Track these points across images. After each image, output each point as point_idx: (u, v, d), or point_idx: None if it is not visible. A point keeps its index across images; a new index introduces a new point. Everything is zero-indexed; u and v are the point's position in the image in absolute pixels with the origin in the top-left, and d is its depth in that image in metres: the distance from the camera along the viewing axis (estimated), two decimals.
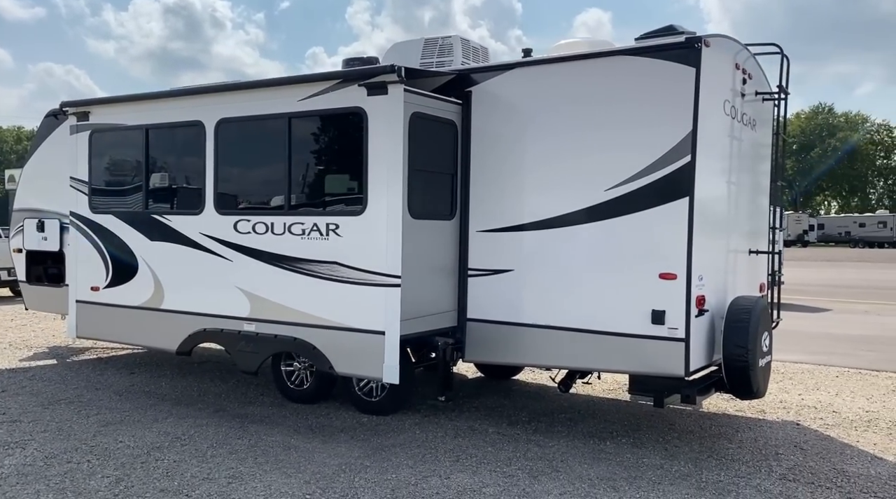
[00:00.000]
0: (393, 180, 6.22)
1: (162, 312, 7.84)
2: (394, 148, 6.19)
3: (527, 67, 6.55)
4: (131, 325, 8.12)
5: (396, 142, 6.17)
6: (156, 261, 7.90)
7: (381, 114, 6.27)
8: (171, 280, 7.80)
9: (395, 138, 6.18)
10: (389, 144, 6.22)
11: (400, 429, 6.83)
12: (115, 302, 8.22)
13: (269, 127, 7.12)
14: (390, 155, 6.22)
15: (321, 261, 6.70)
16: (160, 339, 7.91)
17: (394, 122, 6.18)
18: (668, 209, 5.80)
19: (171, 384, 8.69)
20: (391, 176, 6.22)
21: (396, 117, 6.17)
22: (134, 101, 8.17)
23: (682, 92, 5.73)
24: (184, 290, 7.69)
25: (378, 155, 6.31)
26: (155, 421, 7.14)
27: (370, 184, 6.38)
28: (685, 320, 5.75)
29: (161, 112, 7.86)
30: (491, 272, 6.64)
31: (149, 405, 7.73)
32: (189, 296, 7.63)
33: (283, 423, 7.06)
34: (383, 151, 6.26)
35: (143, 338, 8.19)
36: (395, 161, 6.19)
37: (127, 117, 8.14)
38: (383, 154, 6.26)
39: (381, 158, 6.28)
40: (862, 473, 5.78)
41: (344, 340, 6.58)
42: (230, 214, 7.35)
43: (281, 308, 6.97)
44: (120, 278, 8.19)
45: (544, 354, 6.46)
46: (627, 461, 5.97)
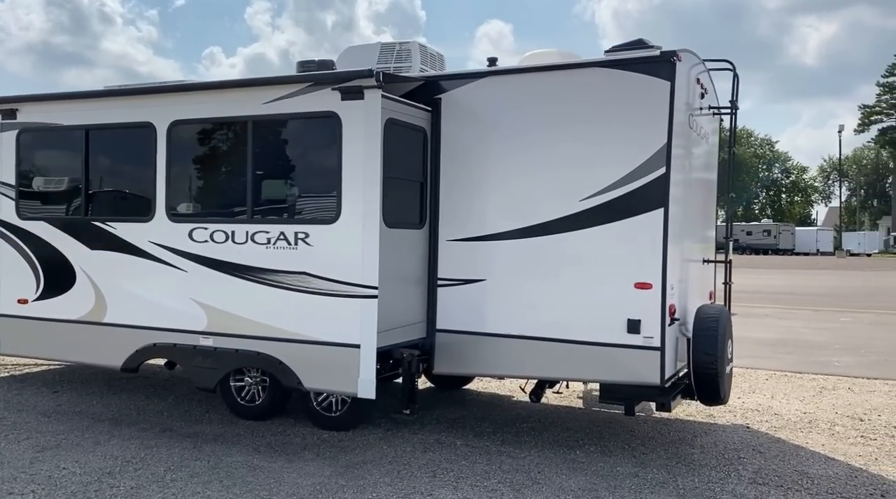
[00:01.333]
0: (369, 188, 6.02)
1: (104, 326, 7.31)
2: (370, 155, 6.00)
3: (500, 76, 6.52)
4: (67, 340, 7.53)
5: (373, 149, 5.99)
6: (97, 271, 7.36)
7: (356, 119, 6.07)
8: (114, 292, 7.28)
9: (371, 145, 5.99)
10: (365, 150, 6.03)
11: (366, 445, 6.62)
12: (47, 316, 7.61)
13: (229, 130, 6.78)
14: (367, 162, 6.02)
15: (289, 271, 6.41)
16: (102, 355, 7.37)
17: (370, 129, 5.99)
18: (643, 220, 5.89)
19: (104, 403, 8.12)
20: (367, 184, 6.03)
21: (373, 123, 5.98)
22: (71, 99, 7.62)
23: (656, 105, 5.84)
24: (130, 302, 7.20)
25: (353, 162, 6.10)
26: (96, 444, 6.65)
27: (345, 192, 6.16)
28: (661, 329, 5.84)
29: (104, 112, 7.34)
30: (462, 282, 6.55)
31: (84, 427, 7.20)
32: (136, 309, 7.14)
33: (240, 441, 6.72)
34: (359, 157, 6.06)
35: (81, 354, 7.61)
36: (371, 169, 6.01)
37: (62, 117, 7.56)
38: (359, 161, 6.06)
39: (357, 166, 6.08)
40: (822, 474, 6.02)
41: (314, 354, 6.32)
42: (184, 222, 6.94)
43: (242, 321, 6.62)
44: (53, 290, 7.59)
45: (518, 364, 6.43)
46: (602, 471, 6.00)
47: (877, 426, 7.55)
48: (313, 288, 6.31)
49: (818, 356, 11.90)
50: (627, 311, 5.93)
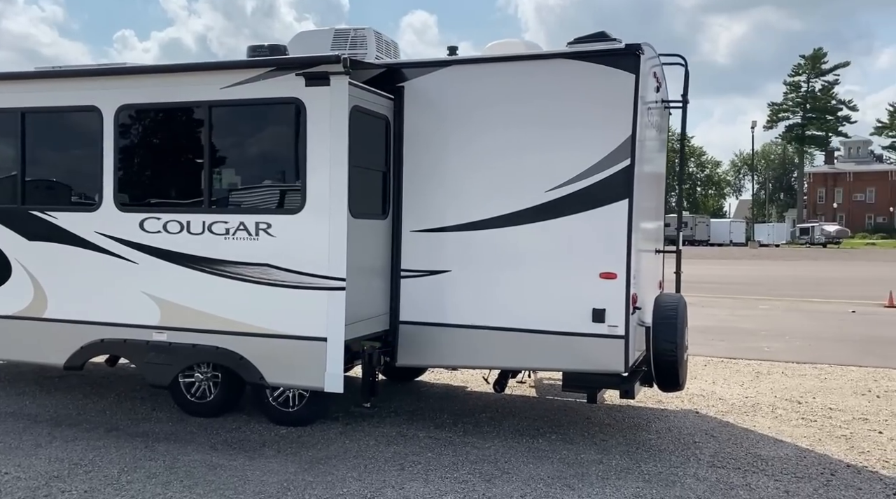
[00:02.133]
0: (336, 178, 5.87)
1: (45, 321, 6.90)
2: (337, 143, 5.84)
3: (464, 65, 6.47)
4: (2, 337, 7.07)
5: (340, 137, 5.83)
6: (35, 264, 6.94)
7: (321, 106, 5.90)
8: (56, 286, 6.89)
9: (338, 133, 5.84)
10: (332, 138, 5.86)
11: (326, 440, 6.50)
12: None
13: (184, 116, 6.51)
14: (333, 151, 5.86)
15: (249, 263, 6.19)
16: (42, 352, 6.96)
17: (337, 116, 5.83)
18: (608, 210, 5.96)
19: (39, 403, 7.71)
20: (334, 173, 5.87)
21: (340, 111, 5.83)
22: (4, 80, 7.12)
23: (622, 97, 5.90)
24: (74, 296, 6.82)
25: (319, 150, 5.93)
26: (37, 446, 6.30)
27: (309, 181, 5.99)
28: (625, 318, 5.93)
29: (42, 94, 6.91)
30: (426, 273, 6.48)
31: (21, 429, 6.81)
32: (81, 303, 6.77)
33: (194, 440, 6.49)
34: (324, 146, 5.90)
35: (19, 352, 7.17)
36: (338, 157, 5.85)
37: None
38: (325, 149, 5.90)
39: (323, 154, 5.91)
40: (773, 455, 6.25)
41: (277, 349, 6.14)
42: (135, 212, 6.61)
43: (199, 315, 6.37)
44: None
45: (483, 355, 6.42)
46: (567, 458, 6.07)
47: (814, 409, 7.89)
48: (276, 280, 6.13)
49: (748, 343, 12.38)
50: (593, 300, 6.00)
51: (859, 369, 10.13)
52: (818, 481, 5.62)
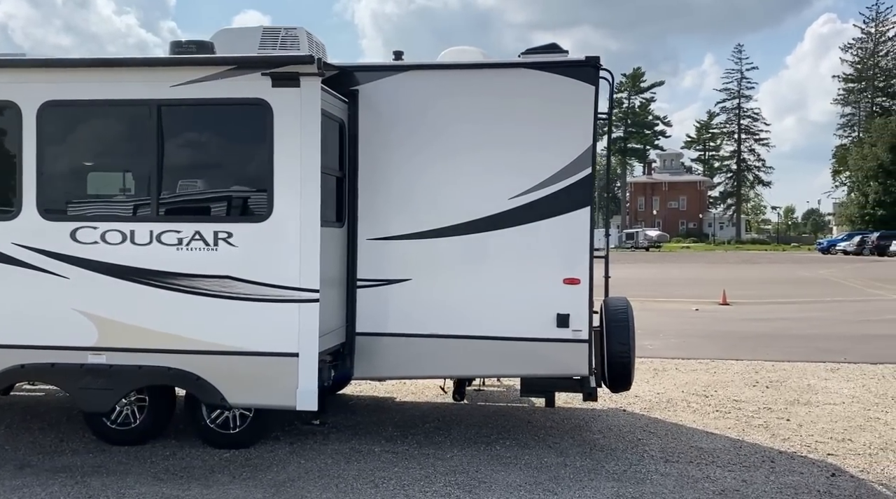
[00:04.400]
0: (308, 184, 5.55)
1: None
2: (308, 148, 5.53)
3: (422, 71, 6.36)
4: None
5: (311, 141, 5.53)
6: None
7: (290, 108, 5.56)
8: None
9: (309, 137, 5.53)
10: (303, 143, 5.54)
11: (279, 460, 6.15)
12: None
13: (126, 115, 5.88)
14: (304, 155, 5.54)
15: (207, 275, 5.71)
16: None
17: (308, 119, 5.52)
18: (571, 218, 6.09)
19: None
20: (306, 179, 5.55)
21: (312, 114, 5.52)
22: None
23: (582, 108, 6.07)
24: None
25: (287, 155, 5.58)
26: None
27: (277, 187, 5.62)
28: (588, 323, 6.09)
29: None
30: (384, 282, 6.30)
31: None
32: None
33: (129, 471, 5.91)
34: (294, 150, 5.56)
35: None
36: (310, 163, 5.54)
37: None
38: (294, 154, 5.56)
39: (292, 159, 5.57)
40: (712, 447, 6.67)
41: (240, 367, 5.70)
42: (65, 221, 5.89)
43: (146, 333, 5.78)
44: None
45: (446, 364, 6.34)
46: (532, 463, 6.13)
47: (723, 401, 8.50)
48: (238, 293, 5.70)
49: None
50: (556, 306, 6.11)
51: (737, 363, 11.02)
52: (764, 468, 6.06)
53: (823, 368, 10.59)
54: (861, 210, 71.97)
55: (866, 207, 71.22)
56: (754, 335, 13.95)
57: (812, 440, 6.85)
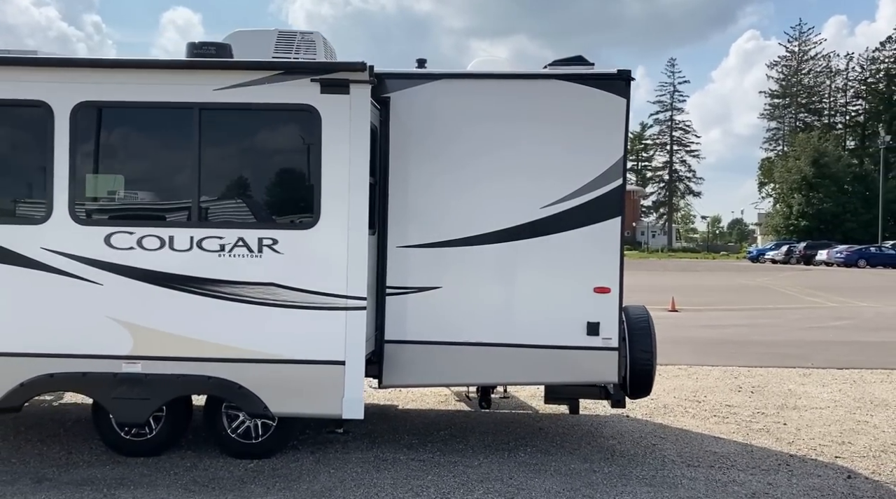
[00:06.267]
0: (357, 191, 5.50)
1: None
2: (358, 155, 5.48)
3: (456, 80, 6.38)
4: None
5: (360, 149, 5.48)
6: None
7: (339, 115, 5.50)
8: None
9: (358, 144, 5.48)
10: (351, 150, 5.49)
11: (308, 471, 6.06)
12: None
13: (165, 118, 5.71)
14: (353, 163, 5.49)
15: (251, 283, 5.57)
16: None
17: (357, 127, 5.47)
18: (602, 228, 6.20)
19: None
20: (354, 186, 5.50)
21: (361, 121, 5.48)
22: None
23: (614, 120, 6.20)
24: (7, 324, 5.68)
25: (335, 162, 5.51)
26: None
27: (325, 194, 5.54)
28: (618, 331, 6.21)
29: None
30: (414, 290, 6.27)
31: None
32: (18, 332, 5.66)
33: (157, 483, 5.73)
34: (342, 157, 5.50)
35: None
36: (359, 170, 5.50)
37: None
38: (342, 161, 5.50)
39: (341, 166, 5.51)
40: (724, 451, 6.88)
41: (284, 375, 5.58)
42: (98, 225, 5.67)
43: (184, 341, 5.60)
44: None
45: (474, 371, 6.35)
46: (561, 470, 6.21)
47: (715, 406, 8.76)
48: (283, 301, 5.59)
49: None
50: (587, 314, 6.21)
51: (714, 368, 11.37)
52: (782, 472, 6.29)
53: (796, 373, 11.02)
54: (786, 221, 75.03)
55: (790, 217, 74.32)
56: (718, 341, 14.41)
57: (815, 444, 7.15)
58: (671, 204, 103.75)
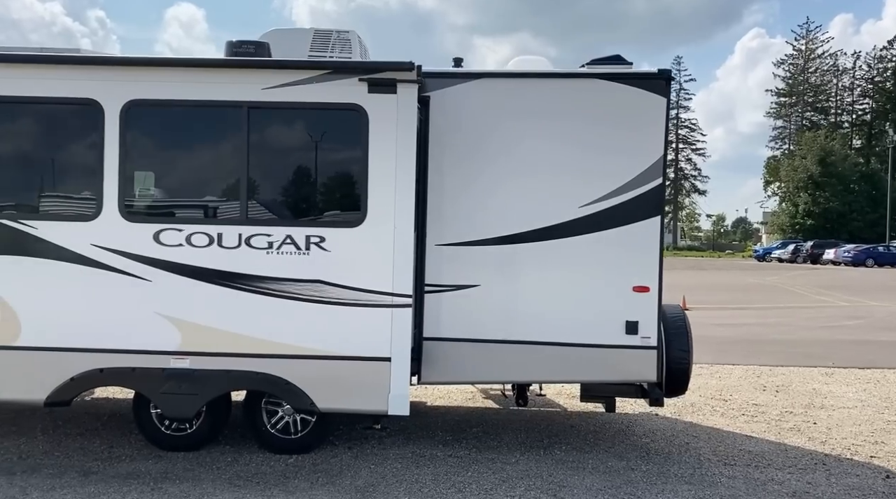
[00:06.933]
0: (403, 190, 5.55)
1: (17, 350, 5.71)
2: (404, 154, 5.53)
3: (495, 79, 6.40)
4: None
5: (408, 147, 5.53)
6: (3, 282, 5.71)
7: (386, 114, 5.54)
8: (33, 307, 5.73)
9: (405, 144, 5.53)
10: (398, 149, 5.54)
11: (348, 466, 6.10)
12: None
13: (214, 116, 5.74)
14: (400, 162, 5.54)
15: (298, 280, 5.62)
16: (12, 387, 5.74)
17: (404, 126, 5.52)
18: (642, 227, 6.23)
19: None
20: (400, 186, 5.55)
21: (408, 120, 5.52)
22: None
23: (654, 119, 6.22)
24: (59, 320, 5.73)
25: (382, 161, 5.56)
26: None
27: (371, 192, 5.58)
28: (657, 330, 6.24)
29: (14, 82, 5.74)
30: (452, 288, 6.30)
31: None
32: (69, 328, 5.71)
33: (201, 477, 5.78)
34: (389, 156, 5.55)
35: None
36: (406, 169, 5.54)
37: None
38: (389, 160, 5.55)
39: (387, 165, 5.56)
40: (759, 450, 6.91)
41: (330, 371, 5.63)
42: (148, 222, 5.72)
43: (232, 337, 5.66)
44: None
45: (512, 369, 6.38)
46: (599, 468, 6.25)
47: (742, 405, 8.79)
48: (330, 297, 5.63)
49: None
50: (626, 313, 6.24)
51: (734, 367, 11.40)
52: (820, 471, 6.32)
53: (818, 372, 11.04)
54: (791, 220, 74.96)
55: (796, 216, 74.24)
56: (734, 340, 14.42)
57: (848, 443, 7.17)
58: (676, 203, 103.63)
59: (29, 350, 5.75)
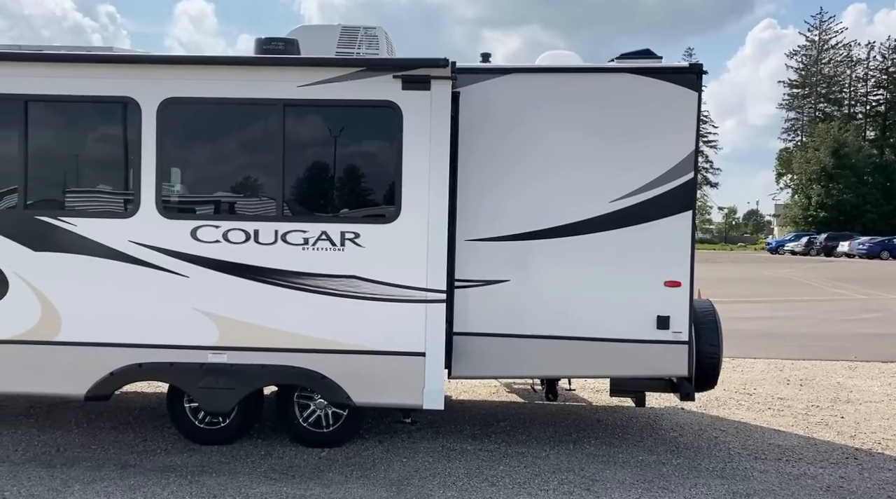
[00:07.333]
0: (437, 187, 5.58)
1: (58, 346, 5.78)
2: (438, 151, 5.55)
3: (526, 74, 6.38)
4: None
5: (441, 144, 5.55)
6: (44, 278, 5.79)
7: (420, 111, 5.57)
8: (72, 303, 5.80)
9: (439, 140, 5.55)
10: (432, 146, 5.57)
11: (381, 460, 6.15)
12: None
13: (249, 113, 5.76)
14: (433, 159, 5.57)
15: (333, 275, 5.66)
16: (53, 382, 5.82)
17: (438, 122, 5.54)
18: (673, 221, 6.23)
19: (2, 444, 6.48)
20: (434, 182, 5.58)
21: (442, 117, 5.55)
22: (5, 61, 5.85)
23: (686, 113, 6.21)
24: (98, 316, 5.79)
25: (416, 158, 5.59)
26: (57, 492, 5.32)
27: (405, 189, 5.61)
28: (689, 325, 6.25)
29: (52, 80, 5.78)
30: (482, 283, 6.32)
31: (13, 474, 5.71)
32: (108, 323, 5.77)
33: (237, 470, 5.84)
34: (423, 153, 5.58)
35: (17, 382, 5.90)
36: (439, 166, 5.57)
37: None
38: (423, 156, 5.58)
39: (421, 161, 5.59)
40: (788, 444, 6.92)
41: (366, 366, 5.68)
42: (185, 219, 5.77)
43: (269, 332, 5.71)
44: None
45: (542, 364, 6.40)
46: (630, 462, 6.27)
47: (767, 399, 8.79)
48: (365, 293, 5.68)
49: None
50: (657, 308, 6.24)
51: (756, 361, 11.39)
52: (852, 465, 6.32)
53: (841, 366, 11.02)
54: (804, 212, 74.50)
55: (809, 208, 73.78)
56: (754, 334, 14.39)
57: (879, 438, 7.17)
58: None
59: (70, 346, 5.83)
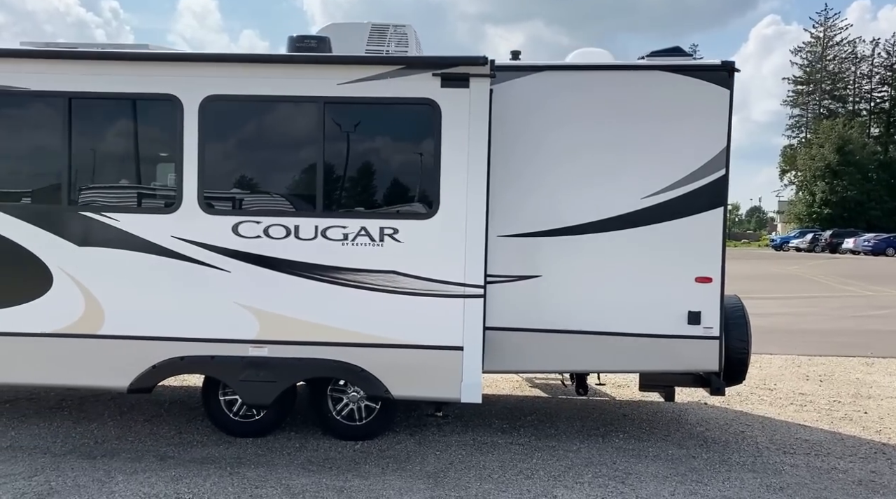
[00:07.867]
0: (475, 183, 5.64)
1: (101, 339, 5.86)
2: (477, 148, 5.61)
3: (558, 72, 6.44)
4: (39, 358, 5.89)
5: (480, 141, 5.61)
6: (87, 272, 5.87)
7: (459, 108, 5.63)
8: (115, 297, 5.87)
9: (478, 137, 5.61)
10: (470, 143, 5.63)
11: (415, 453, 6.23)
12: (3, 329, 5.89)
13: (290, 111, 5.83)
14: (471, 156, 5.63)
15: (372, 270, 5.73)
16: (97, 375, 5.90)
17: (477, 119, 5.60)
18: (705, 218, 6.29)
19: (34, 434, 6.55)
20: (472, 178, 5.65)
21: (480, 114, 5.60)
22: (41, 58, 5.90)
23: (719, 111, 6.26)
24: (141, 309, 5.87)
25: (455, 154, 5.65)
26: (102, 484, 5.40)
27: (443, 185, 5.68)
28: (720, 320, 6.31)
29: (95, 78, 5.85)
30: (514, 278, 6.39)
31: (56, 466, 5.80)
32: (151, 317, 5.86)
33: (275, 462, 5.92)
34: (461, 150, 5.64)
35: (62, 375, 5.98)
36: (478, 162, 5.63)
37: (29, 79, 5.87)
38: (462, 154, 5.64)
39: (460, 158, 5.65)
40: (815, 439, 6.98)
41: (404, 359, 5.76)
42: (226, 214, 5.85)
43: (309, 326, 5.79)
44: (14, 297, 5.89)
45: (574, 359, 6.47)
46: (661, 456, 6.35)
47: (788, 395, 8.86)
48: (403, 288, 5.75)
49: None
50: (688, 303, 6.31)
51: (774, 357, 11.45)
52: (881, 460, 6.39)
53: (858, 362, 11.09)
54: (808, 208, 74.48)
55: (813, 205, 73.75)
56: (767, 330, 14.40)
57: None
58: None
59: (112, 339, 5.90)
